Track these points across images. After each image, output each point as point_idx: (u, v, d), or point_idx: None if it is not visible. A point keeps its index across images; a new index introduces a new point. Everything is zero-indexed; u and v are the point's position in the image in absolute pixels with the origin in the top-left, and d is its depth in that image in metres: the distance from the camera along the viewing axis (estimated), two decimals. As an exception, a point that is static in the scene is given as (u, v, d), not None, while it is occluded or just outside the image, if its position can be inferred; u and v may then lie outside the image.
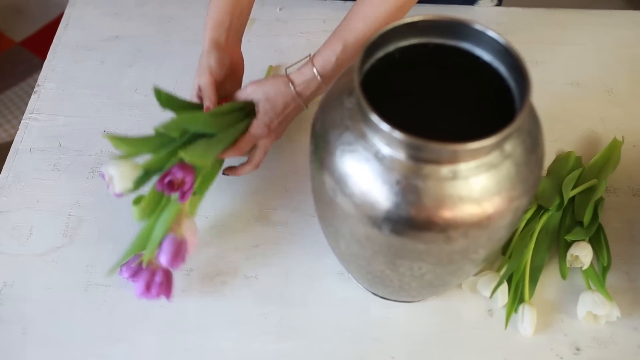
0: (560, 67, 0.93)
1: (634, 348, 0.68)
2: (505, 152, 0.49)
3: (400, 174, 0.48)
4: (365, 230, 0.52)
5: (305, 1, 1.02)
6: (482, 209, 0.49)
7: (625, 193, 0.80)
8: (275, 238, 0.74)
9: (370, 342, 0.67)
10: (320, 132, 0.54)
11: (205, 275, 0.71)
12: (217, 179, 0.77)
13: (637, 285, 0.72)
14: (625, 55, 0.96)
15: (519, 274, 0.69)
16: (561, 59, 0.94)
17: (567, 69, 0.93)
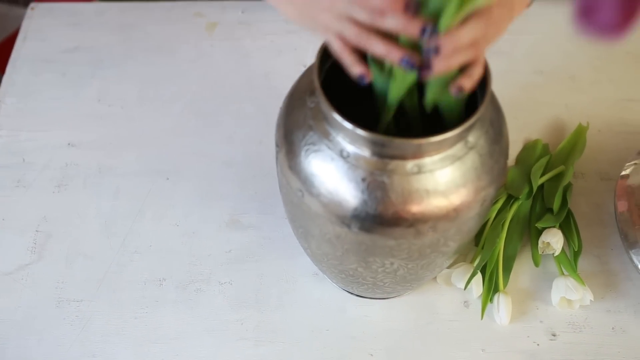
0: (524, 56, 0.94)
1: (608, 330, 0.68)
2: (469, 144, 0.50)
3: (365, 171, 0.48)
4: (335, 230, 0.52)
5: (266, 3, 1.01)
6: (449, 201, 0.49)
7: (593, 177, 0.81)
8: (247, 242, 0.74)
9: (349, 341, 0.67)
10: (285, 133, 0.53)
11: (179, 284, 0.71)
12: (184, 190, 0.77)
13: (608, 268, 0.73)
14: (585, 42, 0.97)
15: (492, 264, 0.70)
16: (524, 48, 0.95)
17: (530, 58, 0.94)
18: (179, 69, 0.91)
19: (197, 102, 0.87)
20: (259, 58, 0.93)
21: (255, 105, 0.86)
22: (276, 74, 0.90)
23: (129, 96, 0.88)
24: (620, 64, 0.94)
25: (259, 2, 1.01)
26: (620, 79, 0.92)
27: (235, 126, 0.85)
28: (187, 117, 0.85)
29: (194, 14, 0.98)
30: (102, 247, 0.73)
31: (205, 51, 0.94)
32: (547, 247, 0.71)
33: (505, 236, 0.71)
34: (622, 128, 0.86)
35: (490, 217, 0.72)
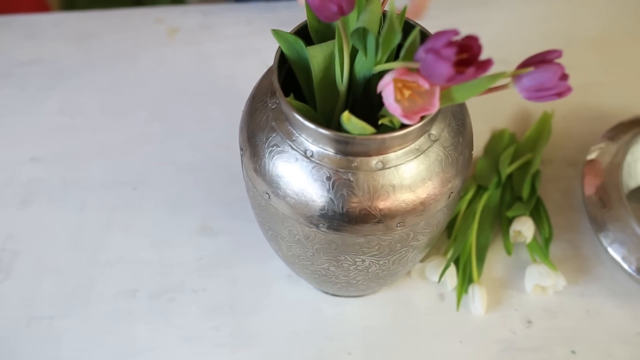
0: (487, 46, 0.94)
1: (582, 314, 0.69)
2: (432, 137, 0.50)
3: (330, 170, 0.48)
4: (303, 230, 0.51)
5: (228, 5, 1.00)
6: (415, 195, 0.49)
7: (560, 164, 0.81)
8: (219, 248, 0.73)
9: (326, 341, 0.67)
10: (248, 136, 0.53)
11: (151, 295, 0.70)
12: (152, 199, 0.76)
13: (580, 252, 0.74)
14: (545, 29, 0.98)
15: (465, 255, 0.70)
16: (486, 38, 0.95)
17: (493, 47, 0.93)
18: (141, 76, 0.90)
19: (161, 109, 0.86)
20: (222, 61, 0.92)
21: (221, 109, 0.85)
22: (240, 77, 0.89)
23: (91, 107, 0.87)
24: (580, 50, 0.95)
25: (220, 5, 1.00)
26: (581, 64, 0.93)
27: (201, 131, 0.84)
28: (151, 125, 0.84)
29: (154, 20, 0.97)
30: (71, 261, 0.72)
31: (167, 57, 0.92)
32: (518, 236, 0.71)
33: (476, 227, 0.71)
34: (586, 113, 0.87)
35: (461, 209, 0.72)
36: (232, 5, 1.00)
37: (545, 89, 0.42)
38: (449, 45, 0.37)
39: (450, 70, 0.37)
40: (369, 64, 0.48)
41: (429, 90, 0.43)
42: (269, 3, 1.00)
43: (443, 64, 0.37)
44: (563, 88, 0.42)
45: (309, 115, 0.51)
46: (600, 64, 0.94)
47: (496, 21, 0.99)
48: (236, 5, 1.00)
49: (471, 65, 0.38)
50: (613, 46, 0.96)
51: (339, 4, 0.42)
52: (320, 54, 0.50)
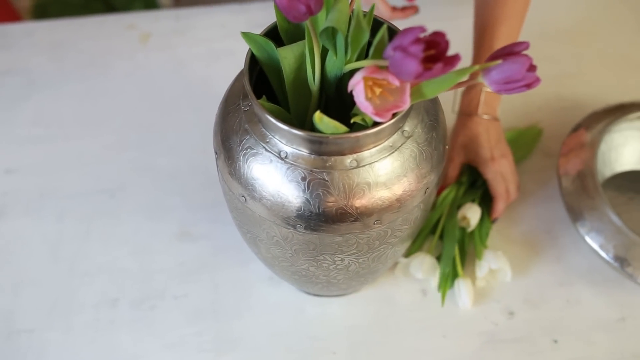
0: (460, 41, 0.95)
1: (562, 303, 0.69)
2: (405, 133, 0.50)
3: (305, 170, 0.48)
4: (281, 231, 0.51)
5: (201, 9, 1.00)
6: (391, 192, 0.49)
7: (536, 155, 0.82)
8: (199, 253, 0.73)
9: (310, 342, 0.67)
10: (222, 139, 0.53)
11: (133, 303, 0.69)
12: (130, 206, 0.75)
13: (558, 242, 0.74)
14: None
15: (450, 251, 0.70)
16: (461, 33, 0.96)
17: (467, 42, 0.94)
18: (115, 83, 0.89)
19: (136, 116, 0.86)
20: (197, 65, 0.92)
21: (196, 113, 0.85)
22: (215, 80, 0.89)
23: (65, 116, 0.86)
24: (553, 42, 0.96)
25: (193, 9, 1.00)
26: (554, 56, 0.94)
27: (178, 136, 0.83)
28: (127, 132, 0.84)
29: (126, 26, 0.96)
30: (50, 272, 0.71)
31: (141, 63, 0.92)
32: (464, 221, 0.71)
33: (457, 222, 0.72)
34: (561, 103, 0.88)
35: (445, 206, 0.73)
36: (205, 8, 0.99)
37: (514, 80, 0.43)
38: (416, 42, 0.38)
39: (418, 67, 0.37)
40: (340, 63, 0.48)
41: (400, 87, 0.43)
42: (242, 5, 1.00)
43: (411, 61, 0.37)
44: (532, 79, 0.43)
45: (282, 116, 0.51)
46: (573, 55, 0.95)
47: (470, 16, 0.99)
48: (209, 8, 0.99)
49: (439, 61, 0.38)
50: (585, 37, 0.97)
51: (307, 4, 0.42)
52: (291, 54, 0.50)
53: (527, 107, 0.87)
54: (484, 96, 0.70)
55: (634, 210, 0.77)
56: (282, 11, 0.43)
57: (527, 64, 0.42)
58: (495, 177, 0.71)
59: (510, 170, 0.72)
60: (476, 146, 0.70)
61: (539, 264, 0.72)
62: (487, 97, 0.71)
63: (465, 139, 0.71)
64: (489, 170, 0.71)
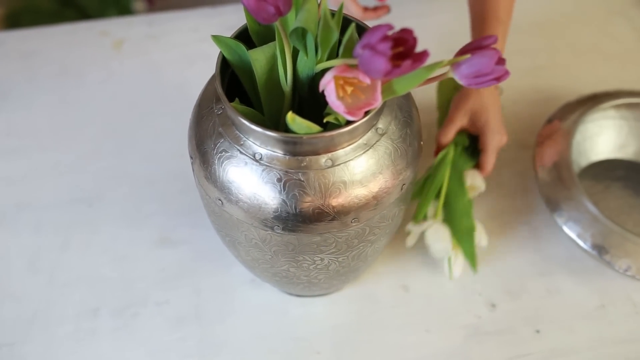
0: (434, 37, 0.95)
1: (543, 293, 0.70)
2: (379, 130, 0.50)
3: (280, 171, 0.48)
4: (259, 234, 0.51)
5: (174, 14, 0.99)
6: (368, 190, 0.49)
7: (513, 147, 0.83)
8: (180, 258, 0.72)
9: (294, 343, 0.67)
10: (196, 143, 0.52)
11: (114, 312, 0.68)
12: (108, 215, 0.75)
13: (537, 233, 0.75)
14: (491, 16, 0.99)
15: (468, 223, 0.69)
16: (433, 29, 0.97)
17: (441, 38, 0.95)
18: (89, 91, 0.89)
19: (111, 123, 0.85)
20: (171, 70, 0.91)
21: (173, 118, 0.85)
22: (190, 85, 0.88)
23: (39, 126, 0.85)
24: (526, 35, 0.97)
25: (165, 14, 0.99)
26: (527, 49, 0.95)
27: (154, 142, 0.83)
28: (103, 140, 0.83)
29: (98, 34, 0.96)
30: (29, 285, 0.70)
31: (115, 70, 0.91)
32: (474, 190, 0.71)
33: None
34: (535, 96, 0.89)
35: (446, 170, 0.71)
36: (178, 13, 0.99)
37: (484, 74, 0.43)
38: (384, 40, 0.38)
39: (386, 65, 0.37)
40: (311, 63, 0.48)
41: (371, 85, 0.43)
42: (215, 8, 1.00)
43: (379, 59, 0.37)
44: (501, 72, 0.43)
45: (255, 118, 0.51)
46: (545, 48, 0.96)
47: (443, 11, 1.00)
48: (182, 13, 0.99)
49: (408, 58, 0.38)
50: (557, 29, 0.98)
51: (276, 4, 0.42)
52: (262, 56, 0.50)
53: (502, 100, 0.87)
54: None
55: (610, 199, 0.77)
56: (251, 13, 0.43)
57: (495, 57, 0.42)
58: (494, 149, 0.71)
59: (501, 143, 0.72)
60: (487, 115, 0.70)
61: (519, 255, 0.73)
62: None
63: (476, 106, 0.70)
64: (492, 140, 0.70)
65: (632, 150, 0.81)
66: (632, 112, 0.79)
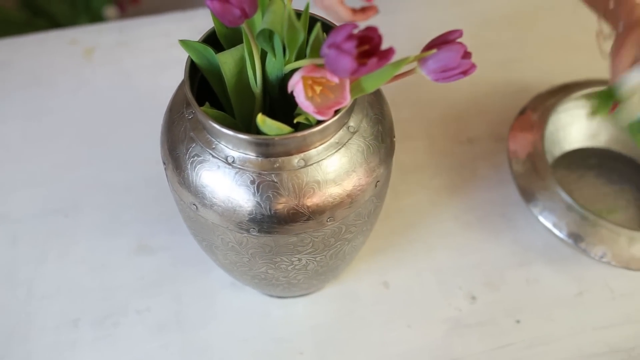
0: (405, 33, 0.96)
1: (522, 284, 0.71)
2: (351, 129, 0.50)
3: (253, 173, 0.48)
4: (235, 237, 0.51)
5: (144, 19, 0.99)
6: (342, 188, 0.49)
7: (487, 140, 0.83)
8: (159, 265, 0.72)
9: (277, 344, 0.67)
10: (169, 149, 0.52)
11: (94, 321, 0.68)
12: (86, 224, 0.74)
13: (514, 224, 0.76)
14: (461, 10, 1.00)
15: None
16: (404, 26, 0.97)
17: (412, 34, 0.96)
18: (61, 100, 0.88)
19: (85, 132, 0.84)
20: (144, 76, 0.91)
21: (147, 124, 0.84)
22: (164, 90, 0.87)
23: (12, 137, 0.84)
24: (496, 28, 0.98)
25: (135, 20, 0.99)
26: (498, 42, 0.96)
27: (130, 149, 0.82)
28: (77, 149, 0.82)
29: (68, 42, 0.95)
30: (6, 298, 0.70)
31: (87, 78, 0.91)
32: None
33: None
34: (507, 88, 0.89)
35: None
36: (148, 18, 0.98)
37: (450, 68, 0.43)
38: (349, 38, 0.38)
39: (352, 64, 0.38)
40: (279, 64, 0.48)
41: (339, 84, 0.43)
42: (185, 12, 0.99)
43: (345, 58, 0.38)
44: (467, 66, 0.43)
45: (226, 121, 0.51)
46: (516, 40, 0.97)
47: (412, 8, 1.01)
48: (152, 18, 0.98)
49: (373, 56, 0.38)
50: (527, 22, 0.99)
51: (241, 7, 0.42)
52: (231, 59, 0.50)
53: (474, 93, 0.88)
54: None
55: (584, 187, 0.78)
56: (217, 16, 0.43)
57: (461, 52, 0.43)
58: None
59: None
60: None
61: (497, 246, 0.73)
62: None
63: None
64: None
65: (604, 138, 0.82)
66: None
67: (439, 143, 0.83)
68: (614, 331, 0.68)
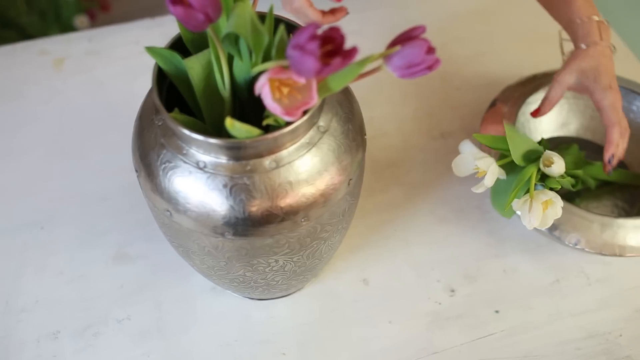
0: (375, 31, 0.96)
1: (500, 274, 0.72)
2: (321, 128, 0.50)
3: (225, 177, 0.48)
4: (211, 241, 0.51)
5: (113, 27, 0.98)
6: (315, 188, 0.50)
7: (460, 134, 0.84)
8: (138, 273, 0.72)
9: (259, 346, 0.67)
10: (140, 156, 0.52)
11: (75, 333, 0.68)
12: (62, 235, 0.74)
13: (489, 216, 0.77)
14: (429, 7, 1.01)
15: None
16: (373, 23, 0.98)
17: (382, 32, 0.96)
18: (33, 112, 0.87)
19: (59, 143, 0.84)
20: (115, 84, 0.90)
21: (120, 133, 0.84)
22: (136, 98, 0.86)
23: (-16, 151, 0.83)
24: (465, 23, 0.99)
25: (105, 28, 0.98)
26: (467, 36, 0.97)
27: (104, 158, 0.82)
28: (51, 160, 0.82)
29: (38, 53, 0.94)
30: (-15, 313, 0.69)
31: (58, 89, 0.90)
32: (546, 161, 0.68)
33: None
34: (478, 81, 0.90)
35: None
36: (117, 26, 0.98)
37: (415, 64, 0.44)
38: (312, 39, 0.38)
39: (316, 64, 0.38)
40: (246, 67, 0.48)
41: (306, 84, 0.43)
42: (154, 19, 0.99)
43: (309, 59, 0.38)
44: (431, 61, 0.44)
45: (196, 127, 0.51)
46: (485, 34, 0.98)
47: (381, 5, 1.01)
48: (121, 26, 0.98)
49: (337, 56, 0.39)
50: (495, 16, 1.01)
51: (205, 11, 0.42)
52: (198, 64, 0.50)
53: (445, 88, 0.89)
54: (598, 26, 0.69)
55: (557, 176, 0.79)
56: (181, 21, 0.43)
57: (425, 47, 0.43)
58: (611, 105, 0.68)
59: (621, 105, 0.69)
60: (597, 73, 0.69)
61: (474, 239, 0.74)
62: (601, 26, 0.70)
63: (587, 66, 0.69)
64: (606, 97, 0.68)
65: (574, 127, 0.83)
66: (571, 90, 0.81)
67: (412, 139, 0.84)
68: (591, 316, 0.69)
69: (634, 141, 0.80)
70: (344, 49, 0.40)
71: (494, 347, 0.66)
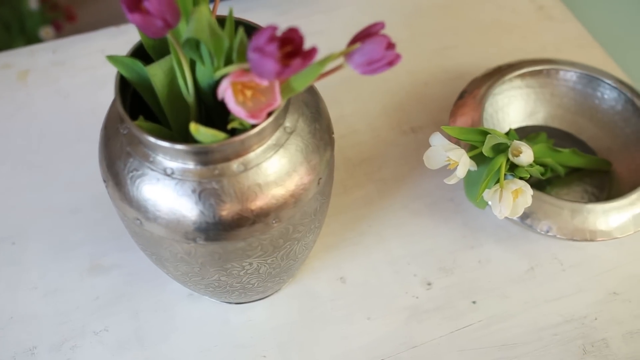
0: (341, 30, 0.97)
1: (475, 265, 0.72)
2: (287, 129, 0.50)
3: (193, 183, 0.48)
4: (183, 247, 0.51)
5: (77, 37, 0.97)
6: (284, 189, 0.50)
7: (431, 129, 0.85)
8: (114, 284, 0.71)
9: (239, 350, 0.67)
10: (107, 166, 0.52)
11: (52, 347, 0.67)
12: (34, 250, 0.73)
13: (463, 207, 0.77)
14: (394, 3, 1.01)
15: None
16: (339, 22, 0.98)
17: (347, 31, 0.96)
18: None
19: (26, 156, 0.83)
20: (82, 95, 0.89)
21: (89, 143, 0.83)
22: (103, 107, 0.87)
23: (-50, 169, 0.82)
24: (429, 17, 0.99)
25: (69, 38, 0.97)
26: (432, 31, 0.97)
27: (74, 170, 0.81)
28: (19, 175, 0.81)
29: (0, 67, 0.93)
30: (-42, 334, 0.68)
31: (23, 102, 0.89)
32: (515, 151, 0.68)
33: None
34: (445, 75, 0.91)
35: None
36: (81, 36, 0.97)
37: (376, 60, 0.44)
38: (271, 41, 0.38)
39: (276, 66, 0.38)
40: (209, 72, 0.48)
41: (269, 86, 0.43)
42: (119, 27, 0.98)
43: (268, 61, 0.38)
44: (392, 57, 0.44)
45: (162, 133, 0.50)
46: (449, 28, 0.98)
47: (349, 4, 1.02)
48: (85, 35, 0.97)
49: (297, 57, 0.39)
50: (459, 9, 1.01)
51: (163, 17, 0.42)
52: (160, 71, 0.49)
53: (413, 83, 0.90)
54: None
55: (527, 165, 0.80)
56: (140, 28, 0.42)
57: (384, 43, 0.43)
58: None
59: None
60: None
61: (448, 231, 0.75)
62: None
63: None
64: None
65: (541, 116, 0.84)
66: (537, 79, 0.82)
67: (383, 135, 0.84)
68: (566, 302, 0.70)
69: (600, 127, 0.82)
70: (304, 49, 0.40)
71: (473, 337, 0.67)
